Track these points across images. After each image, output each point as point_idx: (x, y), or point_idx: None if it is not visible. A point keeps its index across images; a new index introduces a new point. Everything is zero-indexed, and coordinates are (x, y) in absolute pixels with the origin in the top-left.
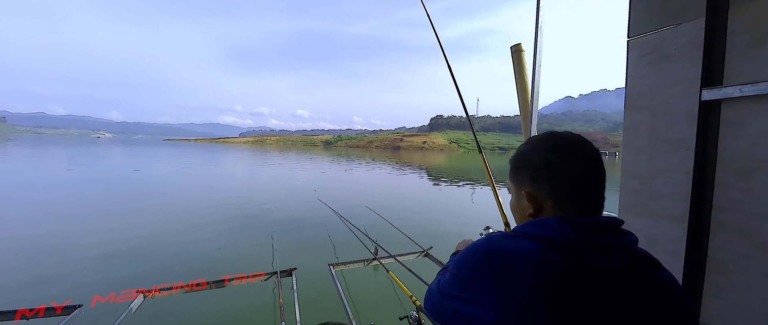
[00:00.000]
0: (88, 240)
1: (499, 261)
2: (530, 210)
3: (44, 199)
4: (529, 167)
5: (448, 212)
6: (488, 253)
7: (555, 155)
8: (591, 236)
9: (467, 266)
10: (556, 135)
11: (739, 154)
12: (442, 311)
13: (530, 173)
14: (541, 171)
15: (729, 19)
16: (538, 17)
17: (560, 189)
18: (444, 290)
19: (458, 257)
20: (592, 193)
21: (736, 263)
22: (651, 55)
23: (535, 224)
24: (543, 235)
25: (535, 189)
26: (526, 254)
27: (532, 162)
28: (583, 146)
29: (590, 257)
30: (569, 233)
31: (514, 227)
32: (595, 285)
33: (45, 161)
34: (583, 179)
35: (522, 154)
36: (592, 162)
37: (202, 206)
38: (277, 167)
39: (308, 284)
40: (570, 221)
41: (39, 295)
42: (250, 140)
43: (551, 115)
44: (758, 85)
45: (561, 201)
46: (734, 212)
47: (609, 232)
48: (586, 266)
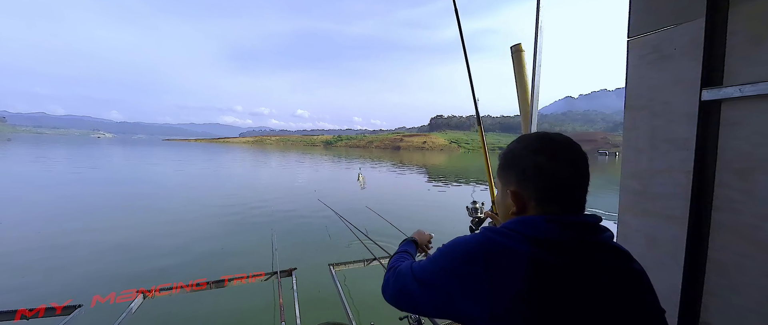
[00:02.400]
0: (88, 240)
1: (495, 256)
2: (513, 208)
3: (44, 199)
4: (516, 168)
5: (448, 211)
6: (484, 248)
7: (543, 158)
8: (577, 234)
9: (459, 258)
10: (546, 137)
11: (739, 154)
12: (409, 296)
13: (517, 174)
14: (529, 172)
15: (729, 19)
16: (538, 17)
17: (546, 191)
18: (421, 277)
19: (447, 248)
20: (577, 195)
21: (736, 263)
22: (651, 55)
23: (522, 222)
24: (532, 234)
25: (520, 189)
26: (520, 252)
27: (520, 163)
28: (572, 150)
29: (579, 256)
30: (556, 232)
31: (504, 224)
32: (584, 283)
33: (45, 162)
34: (569, 183)
35: (511, 154)
36: (580, 166)
37: (202, 205)
38: (278, 167)
39: (308, 284)
40: (555, 220)
41: (39, 295)
42: (250, 140)
43: (551, 115)
44: (758, 85)
45: (545, 202)
46: (734, 212)
47: (593, 231)
48: (576, 265)
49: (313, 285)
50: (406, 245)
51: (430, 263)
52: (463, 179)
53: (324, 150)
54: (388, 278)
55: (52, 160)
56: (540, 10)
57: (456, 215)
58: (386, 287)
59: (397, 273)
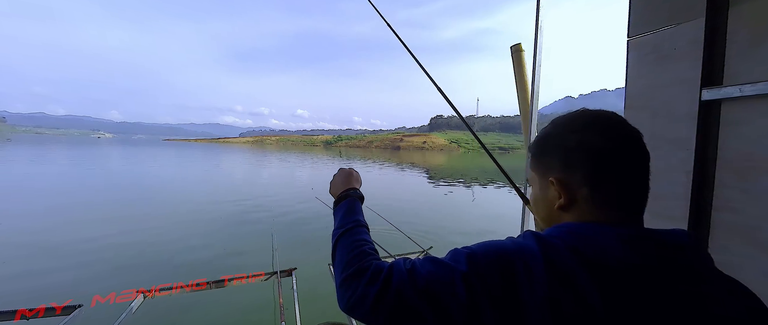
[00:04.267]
0: (88, 240)
1: (558, 274)
2: (560, 200)
3: (44, 199)
4: (558, 150)
5: (447, 211)
6: (548, 259)
7: (593, 134)
8: (668, 261)
9: (497, 265)
10: (592, 112)
11: (739, 154)
12: (413, 301)
13: (561, 155)
14: (575, 153)
15: (729, 19)
16: (538, 17)
17: (600, 174)
18: (429, 278)
19: (483, 248)
20: (641, 182)
21: (736, 263)
22: (651, 55)
23: (582, 237)
24: (594, 256)
25: (567, 175)
26: (592, 281)
27: (564, 144)
28: (626, 125)
29: (680, 301)
30: (636, 255)
31: (551, 231)
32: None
33: (45, 162)
34: (630, 165)
35: (548, 137)
36: (639, 146)
37: (202, 205)
38: (278, 166)
39: (308, 284)
40: (630, 236)
41: (39, 295)
42: (250, 140)
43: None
44: (758, 85)
45: (599, 189)
46: (734, 212)
47: (690, 255)
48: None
49: (313, 285)
50: (349, 212)
51: (447, 261)
52: (463, 179)
53: (324, 150)
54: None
55: (52, 160)
56: (540, 10)
57: (456, 214)
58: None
59: (392, 274)
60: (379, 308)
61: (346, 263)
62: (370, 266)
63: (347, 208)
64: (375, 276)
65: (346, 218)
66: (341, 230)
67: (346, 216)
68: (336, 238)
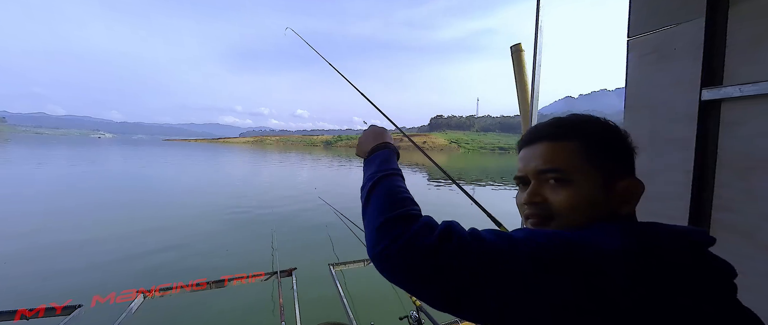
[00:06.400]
0: (89, 240)
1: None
2: (626, 208)
3: (44, 199)
4: (629, 152)
5: (447, 211)
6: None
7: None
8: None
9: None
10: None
11: (739, 154)
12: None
13: (630, 158)
14: (632, 156)
15: (729, 19)
16: (538, 17)
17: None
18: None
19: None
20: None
21: (736, 263)
22: (651, 55)
23: (649, 234)
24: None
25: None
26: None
27: (629, 147)
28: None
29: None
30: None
31: (645, 229)
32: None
33: (45, 162)
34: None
35: (619, 138)
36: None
37: (201, 205)
38: (277, 166)
39: (308, 284)
40: (685, 237)
41: (39, 295)
42: (250, 140)
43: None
44: (758, 85)
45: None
46: (734, 212)
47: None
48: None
49: (313, 285)
50: (387, 161)
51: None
52: (463, 179)
53: (324, 150)
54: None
55: (52, 160)
56: (540, 10)
57: (456, 214)
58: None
59: (474, 237)
60: (427, 261)
61: (390, 205)
62: (420, 215)
63: (384, 157)
64: (430, 224)
65: (384, 165)
66: (380, 174)
67: (384, 164)
68: (372, 182)
